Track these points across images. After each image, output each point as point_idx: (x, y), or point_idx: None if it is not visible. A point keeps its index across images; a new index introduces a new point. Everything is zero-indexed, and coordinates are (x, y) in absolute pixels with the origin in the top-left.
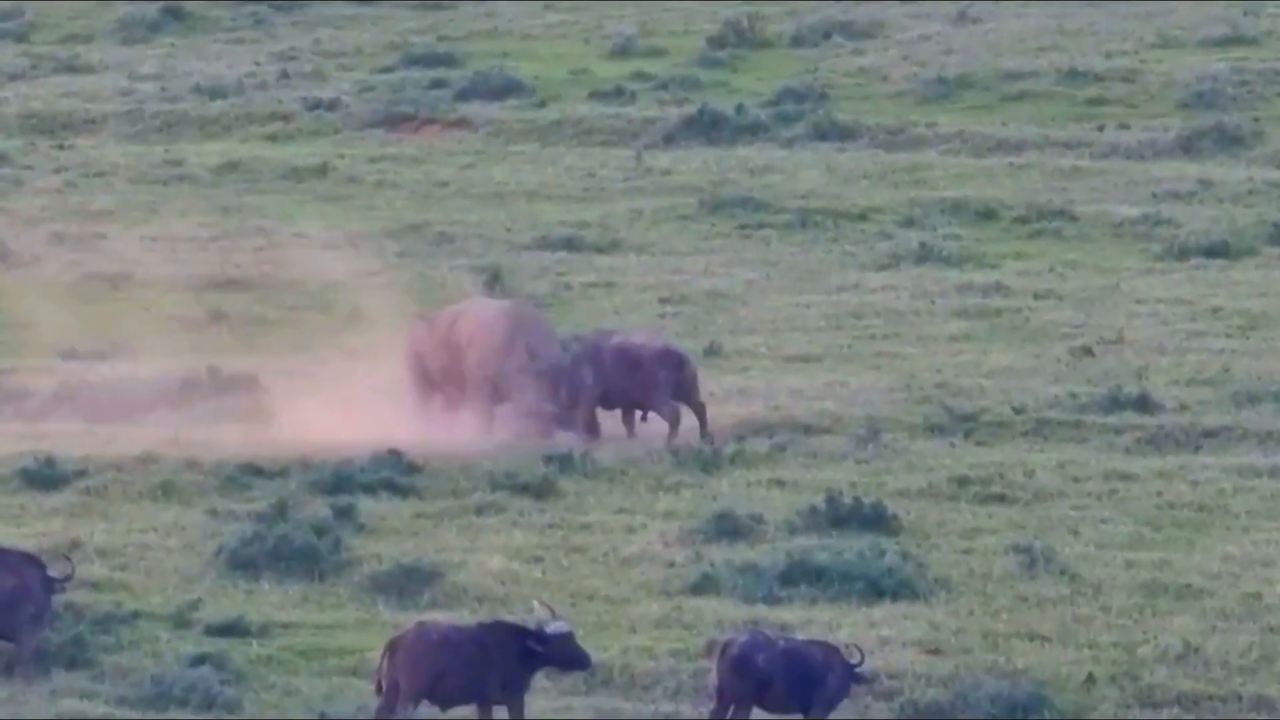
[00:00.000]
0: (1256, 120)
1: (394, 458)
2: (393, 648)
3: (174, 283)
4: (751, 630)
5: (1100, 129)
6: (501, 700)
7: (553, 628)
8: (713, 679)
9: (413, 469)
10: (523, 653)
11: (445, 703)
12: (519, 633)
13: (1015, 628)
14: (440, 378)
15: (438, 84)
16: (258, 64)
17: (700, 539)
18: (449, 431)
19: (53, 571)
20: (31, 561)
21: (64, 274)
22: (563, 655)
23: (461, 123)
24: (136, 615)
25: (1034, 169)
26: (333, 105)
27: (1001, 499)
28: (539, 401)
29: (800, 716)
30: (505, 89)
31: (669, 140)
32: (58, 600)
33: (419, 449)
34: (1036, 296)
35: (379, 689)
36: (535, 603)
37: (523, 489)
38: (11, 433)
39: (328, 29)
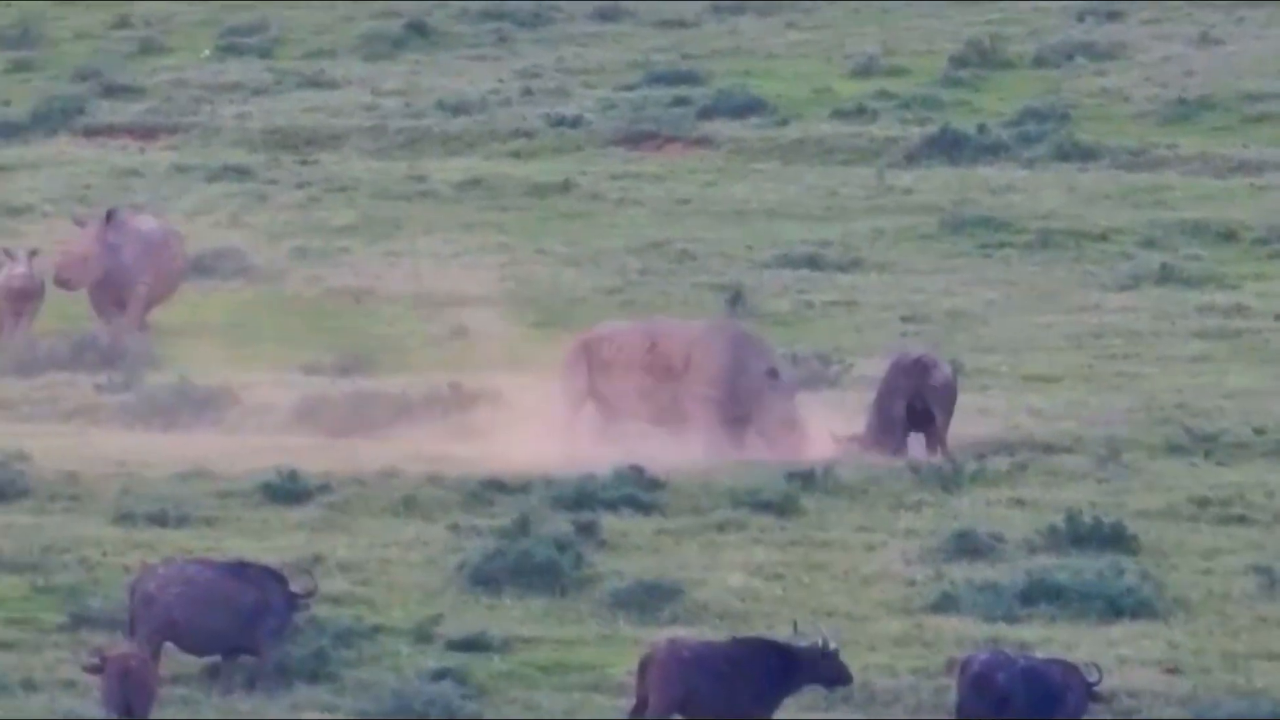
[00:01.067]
0: None
1: (636, 474)
2: (645, 664)
3: (416, 298)
4: (992, 648)
5: None
6: (751, 717)
7: (815, 645)
8: (953, 697)
9: (655, 485)
10: (778, 670)
11: (696, 718)
12: (775, 650)
13: (1255, 648)
14: (628, 399)
15: (680, 102)
16: (501, 81)
17: (940, 557)
18: (689, 449)
19: (296, 587)
20: (273, 576)
21: (306, 289)
22: (827, 672)
23: (703, 141)
24: (378, 630)
25: (1275, 190)
26: (575, 122)
27: (1241, 520)
28: (788, 418)
29: None
30: (747, 107)
31: (910, 159)
32: (302, 616)
33: (661, 465)
34: (1277, 318)
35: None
36: (796, 622)
37: (764, 506)
38: (254, 447)
39: (571, 46)
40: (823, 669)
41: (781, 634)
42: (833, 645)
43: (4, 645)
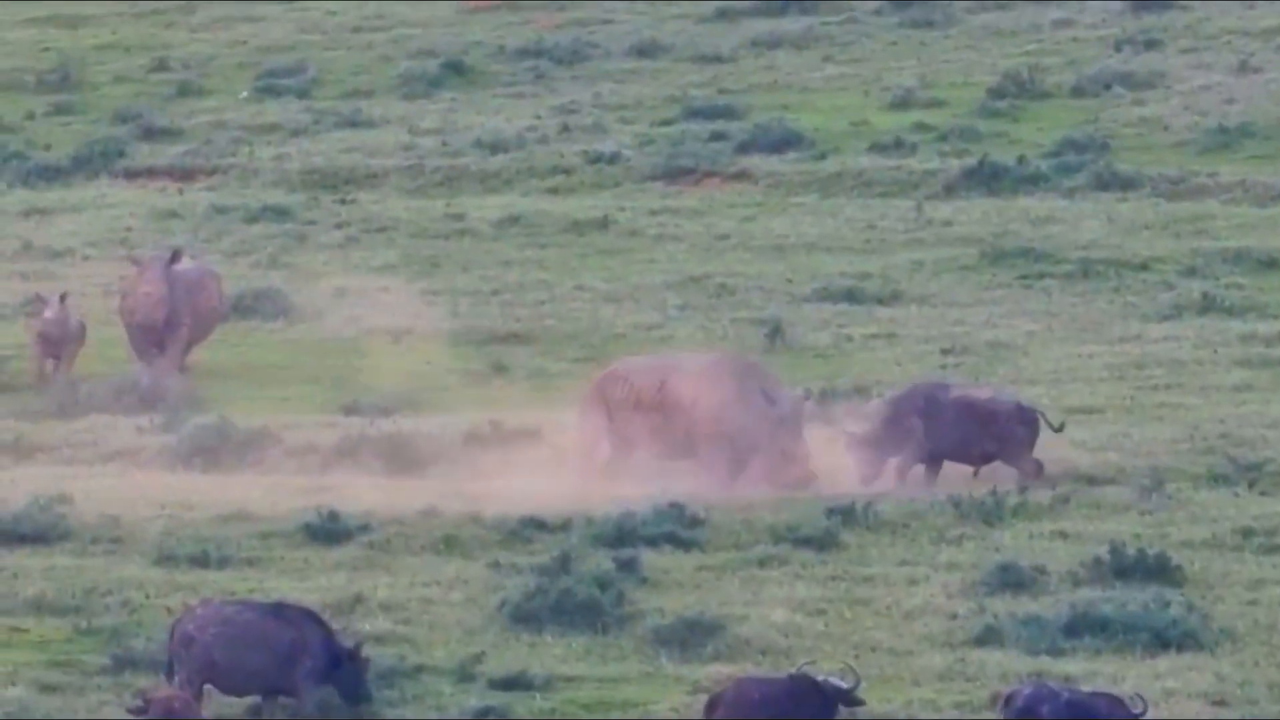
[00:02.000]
0: None
1: (676, 510)
2: (713, 703)
3: (456, 337)
4: (1036, 682)
5: None
6: None
7: (844, 682)
8: None
9: (695, 522)
10: (825, 707)
11: None
12: (820, 687)
13: None
14: (643, 437)
15: (718, 137)
16: (538, 118)
17: (983, 591)
18: (730, 484)
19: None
20: (311, 617)
21: (346, 328)
22: (847, 705)
23: (742, 175)
24: (420, 669)
25: None
26: (613, 159)
27: None
28: (792, 447)
29: None
30: (785, 141)
31: (949, 191)
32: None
33: (701, 501)
34: None
35: None
36: (800, 665)
37: (805, 541)
38: (295, 487)
39: (608, 83)
40: (848, 702)
41: (827, 669)
42: (847, 684)
43: (48, 688)
